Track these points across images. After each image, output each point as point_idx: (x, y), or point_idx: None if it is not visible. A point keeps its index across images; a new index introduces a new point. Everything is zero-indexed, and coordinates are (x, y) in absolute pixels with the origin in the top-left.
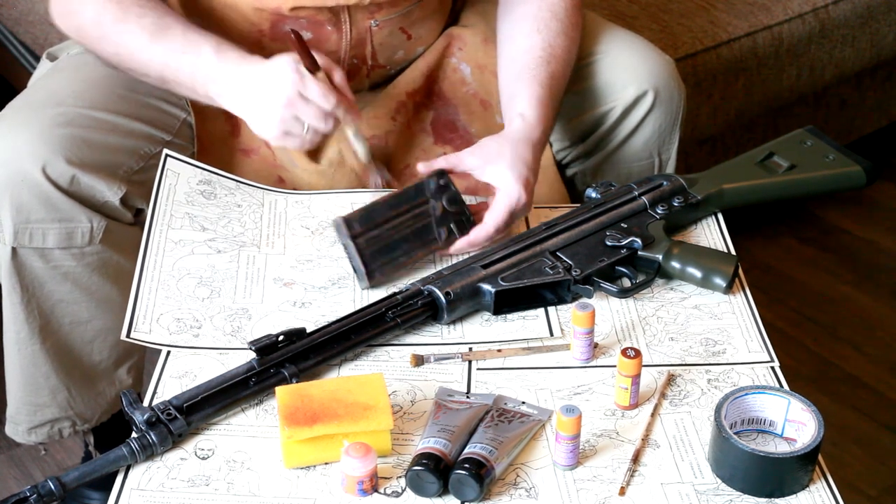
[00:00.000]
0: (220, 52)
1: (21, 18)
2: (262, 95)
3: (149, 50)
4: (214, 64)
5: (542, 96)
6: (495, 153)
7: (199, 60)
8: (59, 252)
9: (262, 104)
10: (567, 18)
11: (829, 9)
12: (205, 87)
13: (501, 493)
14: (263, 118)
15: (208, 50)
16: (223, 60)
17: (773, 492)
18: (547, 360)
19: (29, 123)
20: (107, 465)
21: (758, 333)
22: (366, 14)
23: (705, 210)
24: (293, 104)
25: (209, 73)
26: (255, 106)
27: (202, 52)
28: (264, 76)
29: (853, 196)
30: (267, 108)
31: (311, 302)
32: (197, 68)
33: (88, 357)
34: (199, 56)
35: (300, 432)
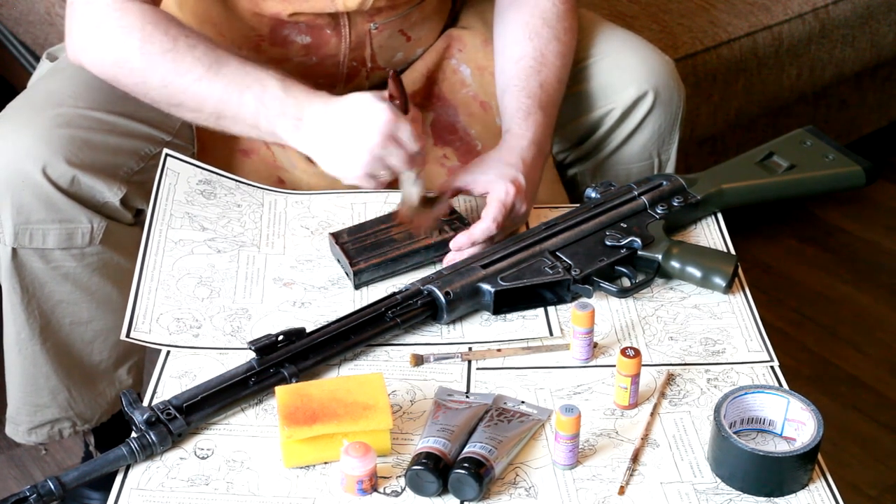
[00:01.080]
0: (286, 88)
1: (21, 18)
2: (350, 135)
3: (204, 82)
4: (282, 99)
5: (529, 107)
6: (481, 166)
7: (265, 95)
8: (59, 253)
9: (349, 144)
10: (559, 24)
11: (829, 9)
12: (270, 124)
13: (501, 493)
14: (348, 159)
15: (274, 84)
16: (291, 95)
17: (772, 491)
18: (546, 360)
19: (29, 124)
20: (106, 464)
21: (757, 333)
22: (365, 18)
23: (705, 210)
24: (386, 146)
25: (276, 110)
26: (339, 146)
27: (267, 86)
28: (352, 114)
29: (853, 196)
30: (354, 148)
31: (310, 302)
32: (263, 104)
33: (88, 357)
34: (264, 90)
35: (300, 432)
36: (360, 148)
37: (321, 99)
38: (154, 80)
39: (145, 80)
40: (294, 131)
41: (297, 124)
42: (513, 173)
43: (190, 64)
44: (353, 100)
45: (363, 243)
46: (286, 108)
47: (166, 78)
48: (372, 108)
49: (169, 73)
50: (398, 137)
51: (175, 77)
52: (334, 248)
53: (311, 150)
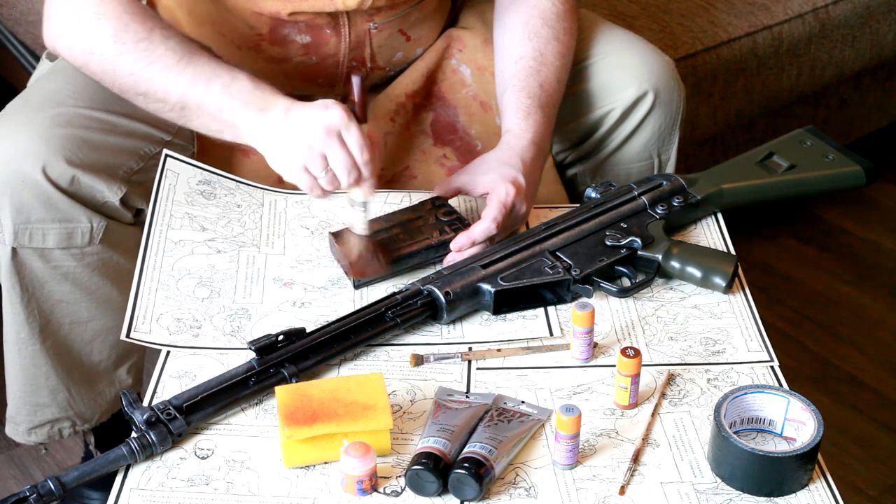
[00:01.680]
0: (256, 81)
1: (21, 18)
2: (297, 127)
3: (173, 72)
4: (250, 90)
5: (528, 107)
6: (481, 166)
7: (234, 84)
8: (59, 252)
9: (293, 135)
10: (558, 24)
11: (829, 9)
12: (233, 114)
13: (501, 493)
14: (288, 148)
15: (244, 77)
16: (260, 89)
17: (772, 491)
18: (546, 360)
19: (29, 123)
20: (106, 464)
21: (757, 333)
22: (365, 17)
23: (705, 210)
24: (328, 141)
25: (243, 99)
26: (283, 136)
27: (237, 77)
28: (307, 111)
29: (853, 196)
30: (297, 138)
31: (310, 302)
32: (230, 92)
33: (88, 357)
34: (234, 80)
35: (300, 432)
36: (301, 140)
37: (288, 100)
38: (123, 68)
39: (115, 68)
40: (254, 122)
41: (260, 115)
42: (512, 173)
43: (161, 54)
44: (316, 102)
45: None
46: (252, 99)
47: (136, 66)
48: (325, 106)
49: (139, 61)
50: (343, 138)
51: (145, 65)
52: (334, 248)
53: (263, 143)
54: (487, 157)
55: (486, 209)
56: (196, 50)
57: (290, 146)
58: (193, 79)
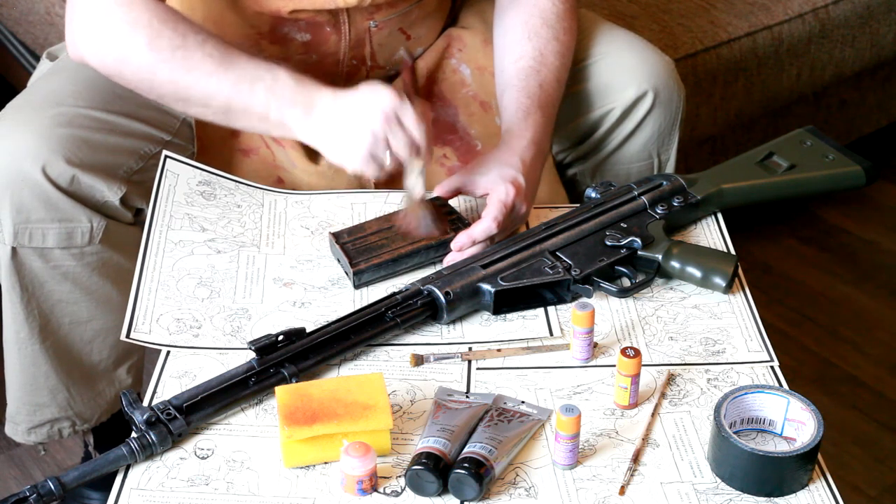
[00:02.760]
0: (298, 78)
1: (21, 18)
2: (352, 117)
3: (214, 77)
4: (293, 88)
5: (528, 107)
6: (481, 167)
7: (276, 85)
8: (58, 252)
9: (352, 127)
10: (559, 24)
11: (829, 9)
12: (280, 114)
13: (501, 493)
14: (351, 141)
15: (285, 75)
16: (303, 85)
17: (772, 491)
18: (546, 360)
19: (29, 123)
20: (106, 464)
21: (757, 333)
22: (365, 15)
23: (705, 210)
24: (389, 124)
25: (288, 99)
26: (343, 130)
27: (279, 77)
28: (358, 99)
29: (853, 196)
30: (356, 130)
31: (310, 302)
32: (274, 93)
33: (88, 357)
34: (276, 81)
35: (300, 432)
36: (362, 129)
37: (331, 90)
38: (162, 77)
39: (153, 76)
40: (304, 120)
41: (308, 112)
42: (512, 174)
43: (200, 60)
44: (362, 88)
45: (363, 243)
46: (297, 97)
47: (175, 74)
48: (377, 90)
49: (178, 69)
50: (401, 119)
51: (184, 73)
52: (334, 248)
53: (318, 138)
54: (487, 157)
55: (487, 209)
56: (232, 51)
57: (350, 137)
58: (236, 83)
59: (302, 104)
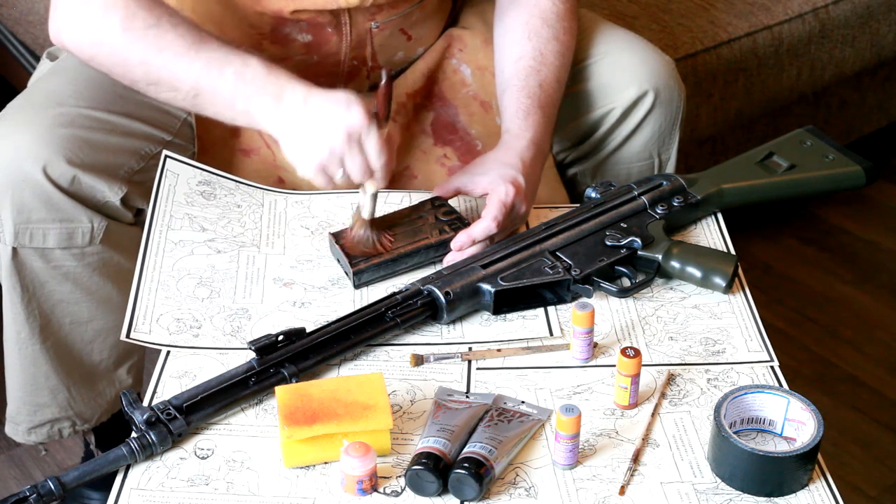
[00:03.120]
0: (269, 67)
1: (21, 18)
2: (318, 123)
3: (185, 59)
4: (264, 77)
5: (528, 107)
6: (481, 167)
7: (246, 70)
8: (59, 252)
9: (313, 134)
10: (559, 24)
11: (829, 9)
12: (247, 102)
13: (501, 493)
14: (306, 148)
15: (257, 63)
16: (273, 74)
17: (772, 491)
18: (546, 360)
19: (29, 123)
20: (106, 464)
21: (757, 333)
22: (366, 16)
23: (705, 210)
24: (348, 147)
25: (256, 88)
26: (303, 131)
27: (250, 64)
28: (327, 106)
29: (853, 196)
30: (316, 139)
31: (310, 302)
32: (243, 80)
33: (88, 357)
34: (245, 66)
35: (300, 432)
36: (321, 140)
37: (303, 85)
38: (134, 58)
39: (125, 57)
40: (270, 110)
41: (276, 104)
42: (512, 174)
43: (171, 41)
44: (336, 95)
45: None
46: (267, 85)
47: (146, 54)
48: (348, 105)
49: (149, 49)
50: (362, 143)
51: (155, 53)
52: (334, 248)
53: (281, 132)
54: (487, 157)
55: (487, 208)
56: (206, 35)
57: (309, 144)
58: (206, 66)
59: (271, 95)
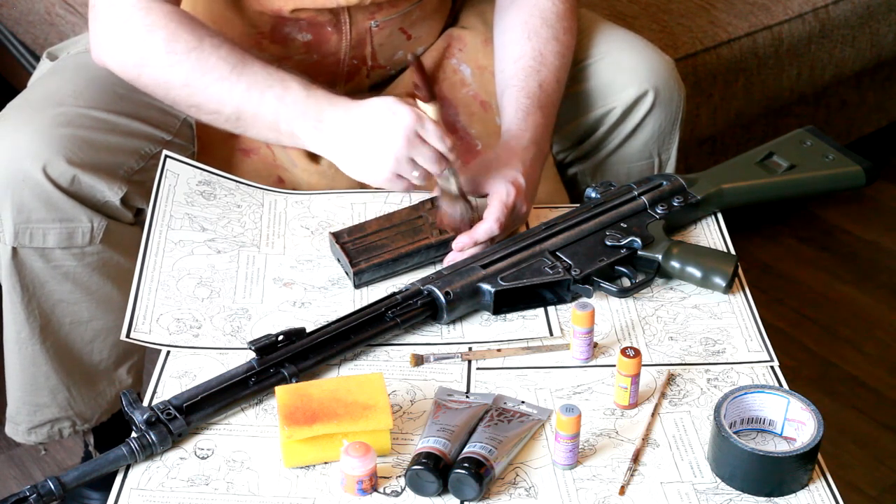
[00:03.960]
0: (308, 90)
1: (21, 18)
2: (373, 139)
3: (227, 83)
4: (304, 102)
5: (528, 107)
6: (481, 167)
7: (286, 95)
8: (59, 252)
9: (372, 148)
10: (558, 23)
11: (829, 9)
12: (290, 125)
13: (501, 493)
14: (372, 162)
15: (296, 86)
16: (313, 98)
17: (772, 491)
18: (546, 360)
19: (29, 123)
20: (106, 464)
21: (757, 333)
22: (366, 15)
23: (705, 210)
24: (412, 145)
25: (297, 112)
26: (361, 150)
27: (290, 87)
28: (374, 118)
29: (853, 196)
30: (378, 152)
31: (310, 302)
32: (284, 104)
33: (88, 357)
34: (286, 91)
35: (300, 432)
36: (384, 151)
37: (343, 103)
38: (177, 80)
39: (168, 79)
40: (314, 133)
41: (318, 126)
42: (512, 174)
43: (214, 64)
44: (375, 103)
45: (363, 243)
46: (307, 109)
47: (189, 77)
48: (395, 110)
49: (192, 71)
50: (424, 137)
51: (198, 76)
52: (334, 247)
53: (332, 153)
54: (487, 157)
55: (488, 209)
56: (247, 58)
57: (370, 158)
58: (247, 89)
59: (312, 118)
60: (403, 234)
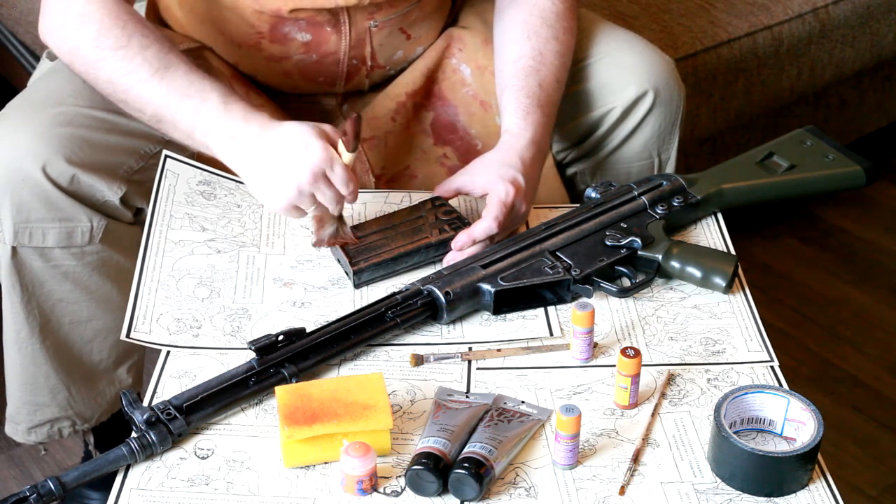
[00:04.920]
0: (226, 104)
1: (21, 18)
2: (281, 166)
3: (149, 85)
4: (220, 115)
5: (527, 106)
6: (481, 167)
7: (203, 107)
8: (59, 251)
9: (277, 175)
10: (558, 23)
11: (829, 9)
12: (204, 136)
13: (501, 493)
14: (275, 189)
15: (214, 98)
16: (229, 112)
17: (772, 491)
18: (546, 360)
19: (29, 123)
20: (106, 464)
21: (757, 333)
22: (365, 15)
23: (705, 210)
24: (316, 183)
25: (212, 124)
26: (267, 174)
27: (208, 99)
28: (286, 145)
29: (853, 196)
30: (283, 179)
31: (310, 302)
32: (200, 115)
33: (88, 357)
34: (203, 102)
35: (300, 432)
36: (287, 181)
37: (259, 121)
38: (102, 75)
39: (95, 72)
40: (226, 147)
41: (230, 141)
42: (512, 173)
43: (138, 64)
44: (291, 130)
45: (363, 243)
46: (221, 122)
47: (114, 75)
48: (307, 143)
49: (117, 70)
50: (330, 177)
51: (122, 76)
52: (334, 247)
53: (240, 170)
54: (487, 157)
55: (487, 208)
56: (173, 62)
57: (274, 183)
58: (166, 95)
59: (226, 133)
60: (403, 234)
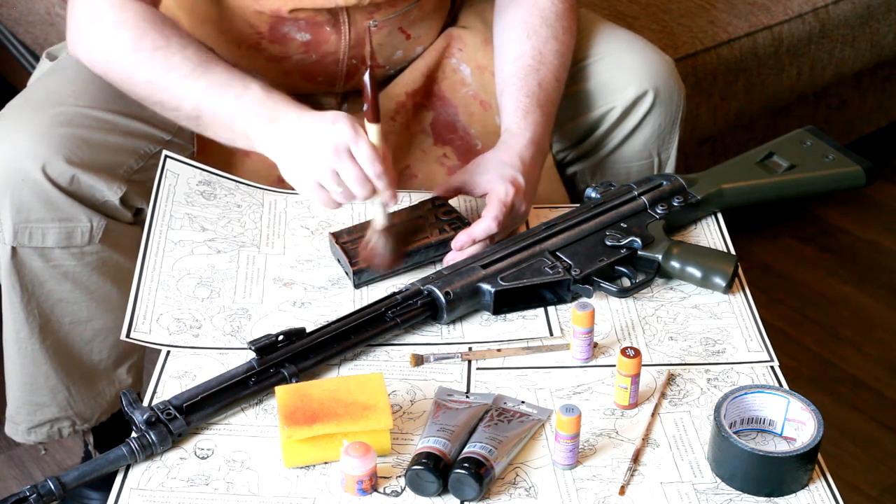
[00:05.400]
0: (268, 91)
1: (21, 18)
2: (307, 141)
3: (189, 80)
4: (263, 100)
5: (527, 106)
6: (481, 166)
7: (246, 93)
8: (58, 251)
9: (304, 149)
10: (558, 23)
11: (829, 9)
12: (244, 124)
13: (501, 493)
14: (299, 164)
15: (256, 87)
16: (272, 98)
17: (772, 491)
18: (546, 360)
19: (29, 123)
20: (106, 464)
21: (757, 333)
22: (364, 14)
23: (705, 210)
24: (338, 157)
25: (255, 110)
26: (295, 150)
27: (250, 87)
28: (316, 123)
29: (853, 196)
30: (307, 154)
31: (310, 302)
32: (242, 102)
33: (88, 357)
34: (246, 89)
35: (300, 432)
36: (311, 158)
37: (299, 109)
38: (140, 77)
39: (132, 75)
40: (265, 133)
41: (271, 126)
42: (512, 173)
43: (178, 62)
44: (326, 114)
45: (362, 243)
46: (263, 109)
47: (153, 74)
48: (336, 121)
49: (156, 69)
50: (353, 153)
51: (161, 74)
52: (334, 247)
53: (276, 153)
54: (486, 156)
55: (487, 208)
56: (212, 59)
57: (301, 162)
58: (208, 88)
59: (266, 117)
60: (403, 234)
